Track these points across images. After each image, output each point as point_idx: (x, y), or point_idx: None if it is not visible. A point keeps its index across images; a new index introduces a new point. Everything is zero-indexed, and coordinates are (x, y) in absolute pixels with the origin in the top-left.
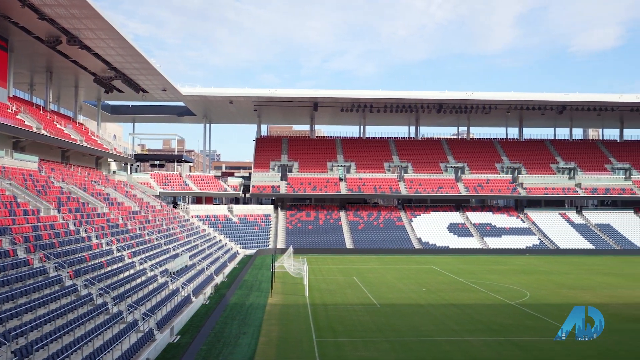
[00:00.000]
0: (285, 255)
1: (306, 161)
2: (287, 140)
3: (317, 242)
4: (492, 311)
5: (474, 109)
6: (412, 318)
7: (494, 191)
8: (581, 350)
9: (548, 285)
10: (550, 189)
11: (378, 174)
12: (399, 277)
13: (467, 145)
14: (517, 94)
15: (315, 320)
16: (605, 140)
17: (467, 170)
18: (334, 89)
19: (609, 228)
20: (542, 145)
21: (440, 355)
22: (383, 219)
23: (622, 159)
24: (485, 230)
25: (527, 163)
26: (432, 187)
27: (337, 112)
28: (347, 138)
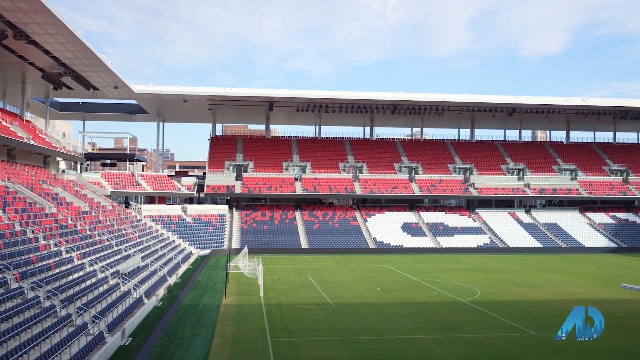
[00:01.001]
0: (240, 256)
1: (261, 161)
2: (243, 139)
3: (272, 242)
4: (444, 309)
5: (427, 110)
6: (367, 317)
7: (446, 191)
8: (527, 346)
9: (498, 283)
10: (500, 189)
11: (333, 174)
12: (353, 276)
13: (421, 145)
14: (468, 96)
15: (269, 321)
16: (552, 142)
17: (421, 170)
18: (289, 89)
19: (556, 227)
20: (493, 146)
21: (394, 354)
22: (338, 219)
23: (569, 160)
24: (438, 230)
25: (479, 164)
26: (387, 187)
27: (292, 112)
28: (303, 138)
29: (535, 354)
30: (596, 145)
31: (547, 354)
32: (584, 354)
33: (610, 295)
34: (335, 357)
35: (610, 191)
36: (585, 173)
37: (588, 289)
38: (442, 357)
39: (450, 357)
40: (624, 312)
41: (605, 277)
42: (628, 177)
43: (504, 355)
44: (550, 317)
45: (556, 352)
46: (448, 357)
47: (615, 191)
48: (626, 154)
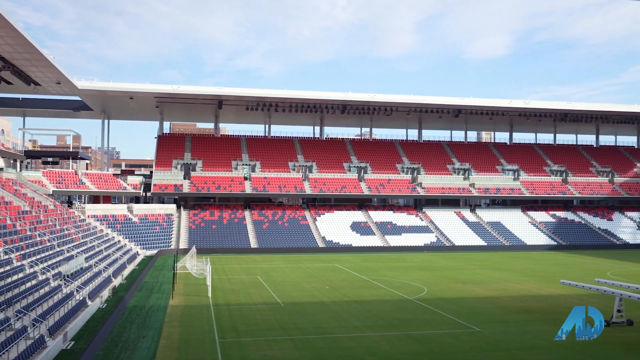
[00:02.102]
0: (188, 256)
1: (210, 160)
2: (191, 138)
3: (221, 242)
4: (392, 307)
5: (376, 110)
6: (316, 316)
7: (394, 191)
8: (471, 342)
9: (444, 280)
10: (446, 188)
11: (283, 173)
12: (303, 275)
13: (370, 145)
14: (416, 97)
15: (218, 321)
16: (496, 143)
17: (370, 170)
18: (238, 87)
19: (499, 225)
20: (440, 147)
21: (342, 352)
22: (288, 218)
23: (512, 160)
24: (387, 229)
25: (426, 164)
26: (336, 187)
27: (242, 111)
28: (253, 137)
29: (479, 349)
30: (537, 146)
31: (490, 349)
32: (525, 348)
33: (550, 291)
34: (284, 357)
35: (550, 191)
36: (527, 173)
37: (529, 285)
38: (390, 354)
39: (397, 354)
40: (562, 308)
41: (546, 274)
42: (567, 177)
43: (449, 351)
44: (493, 313)
45: (499, 347)
46: (395, 354)
47: (555, 191)
48: (565, 155)
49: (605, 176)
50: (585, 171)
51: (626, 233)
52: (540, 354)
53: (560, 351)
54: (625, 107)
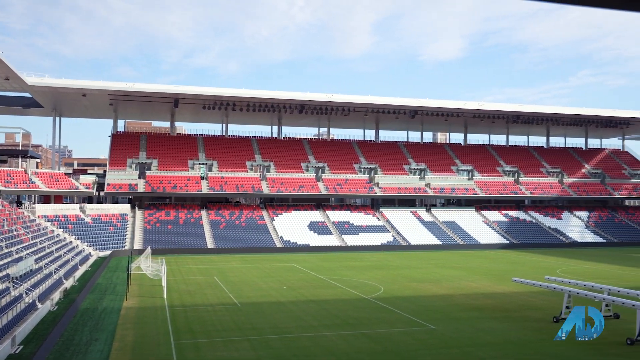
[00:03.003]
0: (143, 257)
1: (166, 159)
2: (146, 136)
3: (177, 242)
4: (349, 306)
5: (334, 110)
6: (273, 316)
7: (352, 190)
8: (425, 339)
9: (400, 279)
10: (403, 188)
11: (240, 173)
12: (260, 275)
13: (328, 145)
14: (373, 98)
15: (173, 323)
16: (451, 144)
17: (327, 170)
18: (195, 86)
19: (454, 225)
20: (396, 147)
21: (299, 351)
22: (245, 218)
23: (466, 161)
24: (344, 228)
25: (383, 164)
26: (294, 186)
27: (199, 110)
28: (209, 136)
29: (433, 346)
30: (491, 147)
31: (444, 346)
32: (478, 345)
33: (502, 288)
34: (240, 357)
35: (503, 191)
36: (480, 173)
37: (482, 283)
38: (346, 353)
39: (353, 353)
40: (514, 305)
41: (498, 272)
42: (519, 178)
43: (405, 349)
44: (448, 311)
45: (452, 345)
46: (351, 353)
47: (507, 191)
48: (517, 156)
49: (555, 177)
50: (536, 172)
51: (575, 232)
52: (492, 350)
53: (511, 347)
54: (574, 109)
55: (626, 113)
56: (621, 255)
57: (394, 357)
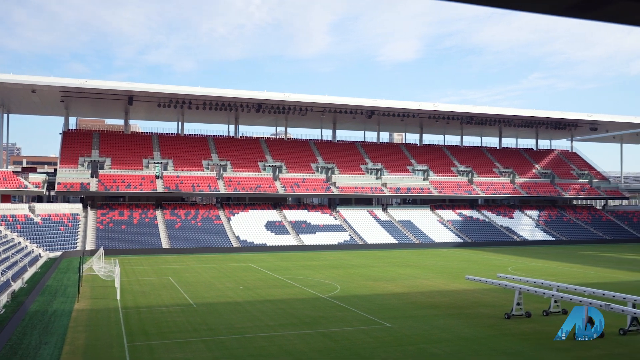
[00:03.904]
0: (95, 257)
1: (120, 157)
2: (99, 134)
3: (131, 243)
4: (305, 305)
5: (291, 110)
6: (229, 316)
7: (309, 190)
8: (381, 337)
9: (356, 278)
10: (360, 188)
11: (196, 172)
12: (216, 276)
13: (285, 145)
14: (331, 98)
15: (126, 324)
16: (407, 144)
17: (285, 169)
18: (150, 83)
19: (410, 224)
20: (353, 147)
21: (256, 351)
22: (201, 218)
23: (422, 161)
24: (301, 228)
25: (340, 163)
26: (251, 186)
27: (154, 108)
28: (165, 134)
29: (389, 344)
30: (446, 147)
31: (399, 344)
32: (432, 342)
33: (456, 286)
34: (196, 358)
35: (457, 190)
36: (436, 173)
37: (437, 281)
38: (303, 352)
39: (310, 352)
40: (467, 302)
41: (452, 270)
42: (472, 178)
43: (361, 347)
44: (403, 309)
45: (407, 342)
46: (308, 352)
47: (461, 190)
48: (471, 157)
49: (507, 177)
50: (489, 172)
51: (525, 230)
52: (446, 346)
53: (464, 344)
54: (525, 111)
55: (574, 115)
56: (569, 252)
57: (350, 355)
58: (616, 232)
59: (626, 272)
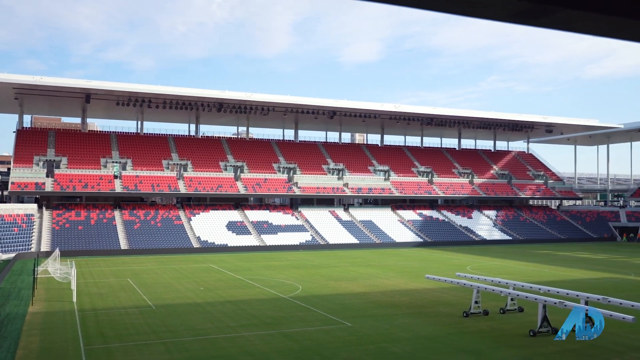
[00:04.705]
0: (51, 259)
1: (77, 156)
2: (55, 133)
3: (88, 244)
4: (267, 306)
5: (253, 109)
6: (189, 317)
7: (271, 190)
8: (342, 337)
9: (318, 278)
10: (321, 188)
11: (156, 172)
12: (176, 277)
13: (247, 145)
14: (293, 98)
15: (83, 327)
16: (369, 145)
17: (246, 169)
18: (108, 81)
19: (371, 224)
20: (315, 147)
21: (217, 352)
22: (161, 218)
23: (383, 161)
24: (263, 228)
25: (302, 164)
26: (212, 186)
27: (112, 106)
28: (124, 133)
29: (350, 343)
30: (406, 148)
31: (360, 343)
32: (392, 341)
33: (416, 285)
34: None
35: (417, 191)
36: (396, 174)
37: (397, 280)
38: (264, 353)
39: (271, 353)
40: (426, 301)
41: (412, 269)
42: (432, 178)
43: (322, 347)
44: (364, 308)
45: (368, 341)
46: (269, 352)
47: (422, 191)
48: (431, 157)
49: (466, 177)
50: (448, 172)
51: (483, 230)
52: (406, 345)
53: (423, 342)
54: (484, 113)
55: (531, 117)
56: (525, 251)
57: (311, 355)
58: (570, 231)
59: (579, 270)
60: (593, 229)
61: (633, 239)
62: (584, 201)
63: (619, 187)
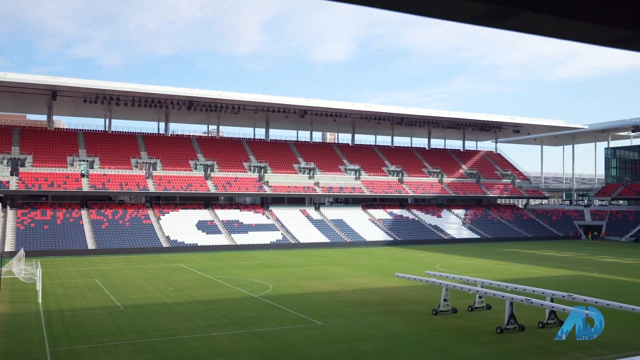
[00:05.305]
0: (15, 259)
1: (43, 155)
2: (20, 130)
3: (54, 244)
4: (237, 305)
5: (223, 108)
6: (158, 318)
7: (242, 189)
8: (313, 336)
9: (288, 277)
10: (292, 187)
11: (125, 170)
12: (145, 277)
13: (217, 143)
14: (264, 97)
15: (49, 329)
16: (340, 144)
17: (217, 168)
18: (75, 78)
19: (342, 223)
20: (286, 146)
21: (186, 353)
22: (129, 218)
23: (354, 161)
24: (233, 227)
25: (273, 163)
26: (182, 185)
27: (79, 103)
28: (91, 131)
29: (320, 342)
30: (377, 147)
31: (330, 342)
32: (362, 339)
33: (386, 284)
34: None
35: (388, 190)
36: (367, 173)
37: (368, 279)
38: (234, 353)
39: (241, 352)
40: (396, 299)
41: (383, 268)
42: (403, 178)
43: (292, 346)
44: (334, 307)
45: (339, 340)
46: (239, 352)
47: (392, 190)
48: (401, 157)
49: (436, 177)
50: (418, 172)
51: (452, 229)
52: (376, 343)
53: (393, 340)
54: (453, 113)
55: (498, 118)
56: (493, 250)
57: (282, 354)
58: (536, 229)
59: (545, 267)
60: (559, 228)
61: (597, 237)
62: (550, 200)
63: (584, 187)
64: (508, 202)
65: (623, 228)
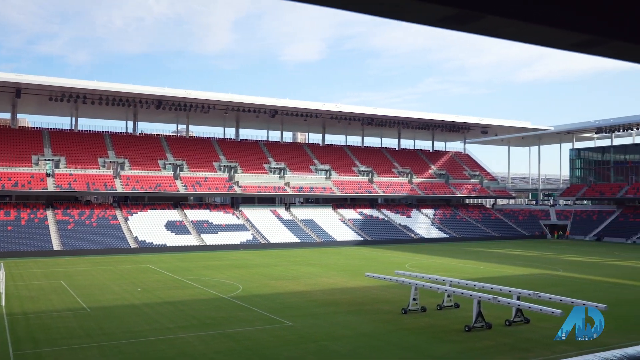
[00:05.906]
0: None
1: (6, 154)
2: None
3: (18, 245)
4: (206, 306)
5: (193, 107)
6: (126, 319)
7: (211, 189)
8: (283, 336)
9: (258, 277)
10: (263, 187)
11: (92, 170)
12: (112, 278)
13: (187, 143)
14: (234, 96)
15: (12, 332)
16: (310, 144)
17: (186, 168)
18: (40, 75)
19: (312, 223)
20: (257, 146)
21: (154, 354)
22: (97, 218)
23: (324, 161)
24: (203, 227)
25: (243, 162)
26: (150, 185)
27: (45, 101)
28: (57, 130)
29: (290, 342)
30: (347, 148)
31: (301, 342)
32: (332, 339)
33: (356, 283)
34: None
35: (358, 190)
36: (338, 173)
37: (338, 279)
38: (204, 354)
39: (211, 353)
40: (366, 299)
41: (353, 268)
42: (373, 178)
43: (263, 347)
44: (304, 307)
45: (309, 339)
46: (209, 353)
47: (362, 190)
48: (371, 157)
49: (405, 177)
50: (388, 172)
51: (422, 228)
52: (346, 343)
53: (363, 339)
54: (422, 114)
55: (467, 119)
56: (461, 249)
57: (252, 355)
58: (503, 229)
59: (512, 266)
60: (525, 227)
61: (562, 236)
62: (516, 200)
63: (550, 187)
64: (476, 202)
65: (587, 227)
